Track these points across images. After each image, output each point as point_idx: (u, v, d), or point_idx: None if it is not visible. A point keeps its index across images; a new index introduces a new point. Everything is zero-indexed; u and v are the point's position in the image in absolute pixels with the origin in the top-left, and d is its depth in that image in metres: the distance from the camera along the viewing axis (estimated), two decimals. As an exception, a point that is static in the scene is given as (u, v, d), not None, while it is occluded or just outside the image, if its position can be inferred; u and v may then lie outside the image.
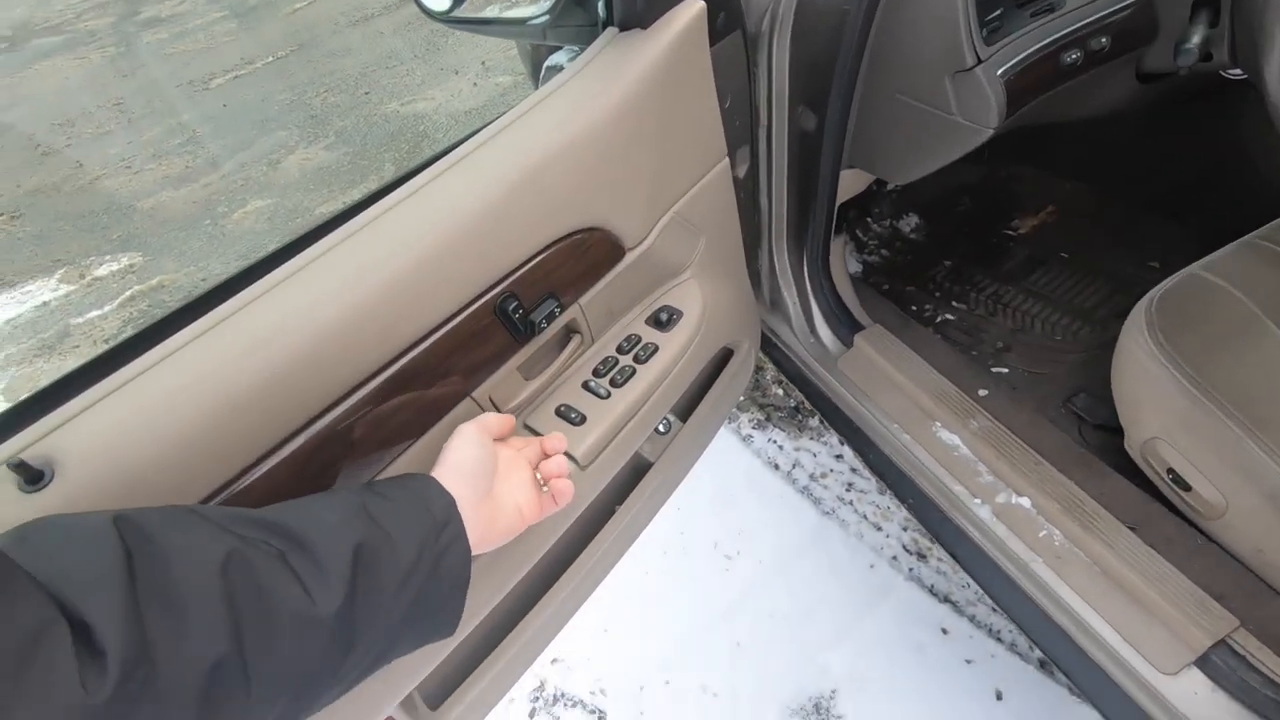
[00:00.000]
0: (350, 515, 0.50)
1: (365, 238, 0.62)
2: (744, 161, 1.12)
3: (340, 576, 0.46)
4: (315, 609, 0.45)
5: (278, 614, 0.43)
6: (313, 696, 0.47)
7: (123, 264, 3.08)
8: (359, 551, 0.48)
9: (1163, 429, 0.95)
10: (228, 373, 0.53)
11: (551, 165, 0.69)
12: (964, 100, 0.92)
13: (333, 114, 3.74)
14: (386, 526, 0.51)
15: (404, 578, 0.51)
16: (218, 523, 0.45)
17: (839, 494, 1.66)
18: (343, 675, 0.49)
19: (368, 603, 0.48)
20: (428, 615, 0.54)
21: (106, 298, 2.91)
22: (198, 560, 0.42)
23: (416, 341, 0.64)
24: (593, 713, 1.42)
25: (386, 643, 0.51)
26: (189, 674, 0.39)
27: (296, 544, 0.46)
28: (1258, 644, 0.85)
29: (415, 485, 0.57)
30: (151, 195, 3.48)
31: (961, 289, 1.51)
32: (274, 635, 0.43)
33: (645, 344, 0.86)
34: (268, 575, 0.44)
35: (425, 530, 0.53)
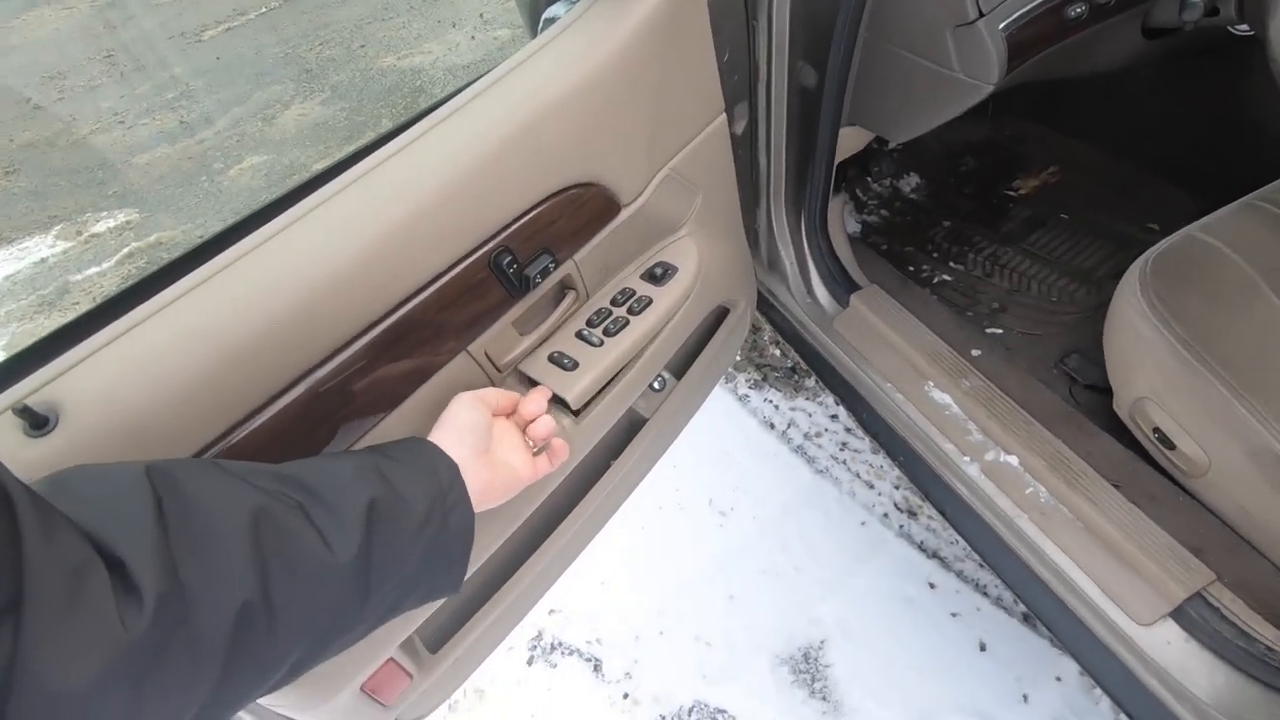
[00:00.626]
0: (364, 474, 0.53)
1: (359, 190, 0.62)
2: (742, 118, 1.11)
3: (356, 529, 0.48)
4: (334, 558, 0.47)
5: (300, 562, 0.45)
6: (330, 640, 0.50)
7: (120, 220, 3.06)
8: (373, 507, 0.50)
9: (1151, 389, 0.96)
10: (225, 324, 0.54)
11: (547, 118, 0.69)
12: (965, 55, 0.91)
13: (328, 68, 3.68)
14: (398, 486, 0.53)
15: (415, 533, 0.53)
16: (241, 476, 0.47)
17: (833, 453, 1.68)
18: (360, 620, 0.51)
19: (382, 554, 0.50)
20: (436, 570, 0.57)
21: (105, 254, 2.90)
22: (228, 510, 0.44)
23: (411, 295, 0.64)
24: (589, 660, 1.46)
25: (399, 593, 0.53)
26: (219, 615, 0.41)
27: (314, 497, 0.48)
28: (1231, 597, 0.88)
29: (421, 450, 0.59)
30: (146, 151, 3.44)
31: (960, 250, 1.51)
32: (296, 582, 0.45)
33: (639, 297, 0.86)
34: (290, 526, 0.46)
35: (433, 491, 0.56)
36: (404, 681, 0.79)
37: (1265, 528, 0.90)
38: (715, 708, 1.37)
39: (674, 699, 1.39)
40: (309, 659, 0.48)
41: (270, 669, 0.45)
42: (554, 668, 1.46)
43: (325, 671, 0.67)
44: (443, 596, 0.60)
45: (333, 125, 3.27)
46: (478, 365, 0.73)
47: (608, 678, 1.43)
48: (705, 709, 1.37)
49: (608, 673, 1.44)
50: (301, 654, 0.47)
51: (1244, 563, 0.91)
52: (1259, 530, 0.91)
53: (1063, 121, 1.66)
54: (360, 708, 0.75)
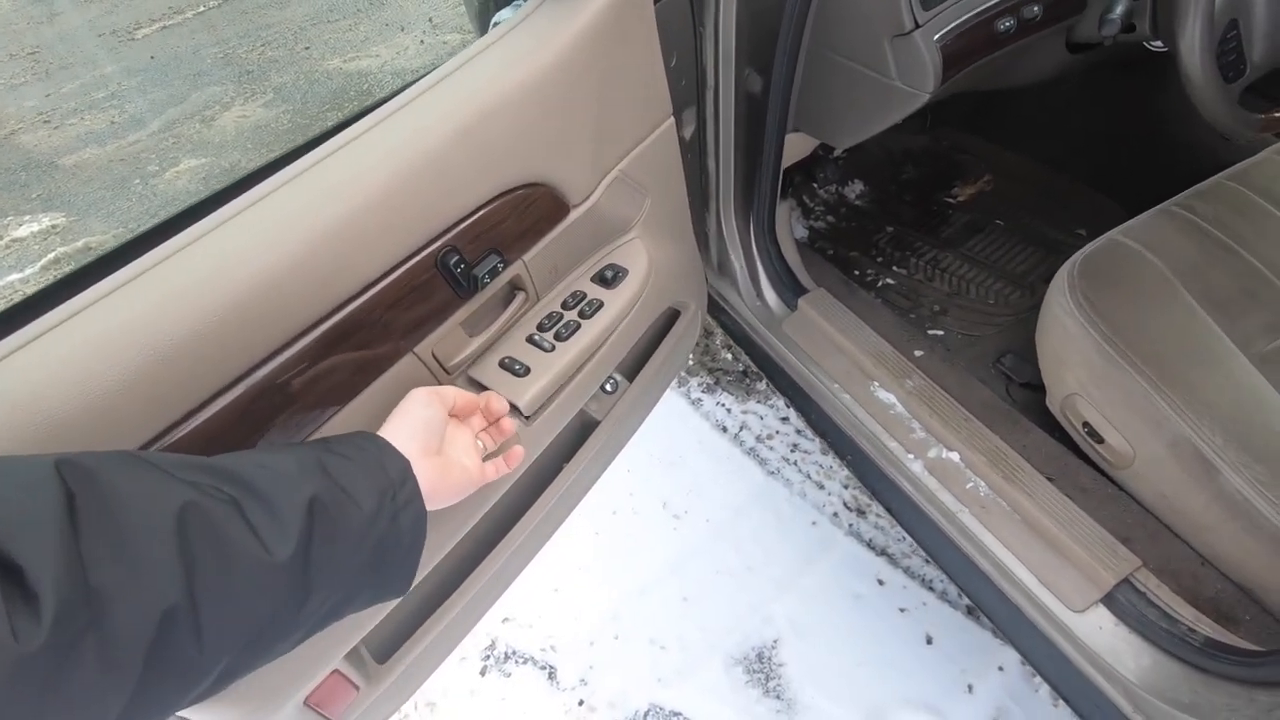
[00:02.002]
0: (306, 468, 0.50)
1: (299, 186, 0.61)
2: (690, 123, 1.12)
3: (295, 527, 0.46)
4: (270, 557, 0.44)
5: (232, 562, 0.43)
6: (265, 646, 0.47)
7: (45, 225, 2.91)
8: (314, 503, 0.48)
9: (1080, 385, 1.01)
10: (155, 322, 0.52)
11: (493, 116, 0.69)
12: (902, 64, 0.94)
13: (270, 69, 3.58)
14: (343, 483, 0.51)
15: (361, 532, 0.51)
16: (168, 470, 0.44)
17: (784, 454, 1.71)
18: (297, 625, 0.48)
19: (324, 554, 0.48)
20: (383, 572, 0.54)
21: (27, 260, 2.76)
22: (151, 507, 0.41)
23: (355, 294, 0.63)
24: (544, 668, 1.45)
25: (342, 596, 0.51)
26: (138, 622, 0.38)
27: (250, 492, 0.46)
28: (1156, 581, 0.92)
29: (370, 445, 0.57)
30: (74, 152, 3.28)
31: (902, 254, 1.55)
32: (228, 584, 0.42)
33: (590, 300, 0.86)
34: (222, 524, 0.43)
35: (382, 489, 0.53)
36: (350, 694, 0.77)
37: (1184, 514, 0.95)
38: (670, 710, 1.37)
39: (629, 703, 1.38)
40: (239, 667, 0.45)
41: (195, 679, 0.42)
42: (508, 677, 1.44)
43: (266, 685, 0.65)
44: (391, 599, 0.57)
45: (275, 128, 3.18)
46: (425, 367, 0.72)
47: (562, 685, 1.42)
48: (661, 712, 1.37)
49: (562, 680, 1.43)
50: (231, 662, 0.44)
51: (1166, 548, 0.96)
52: (1179, 517, 0.96)
53: (996, 132, 1.73)
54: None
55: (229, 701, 0.63)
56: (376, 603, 0.56)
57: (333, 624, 0.53)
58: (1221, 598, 0.91)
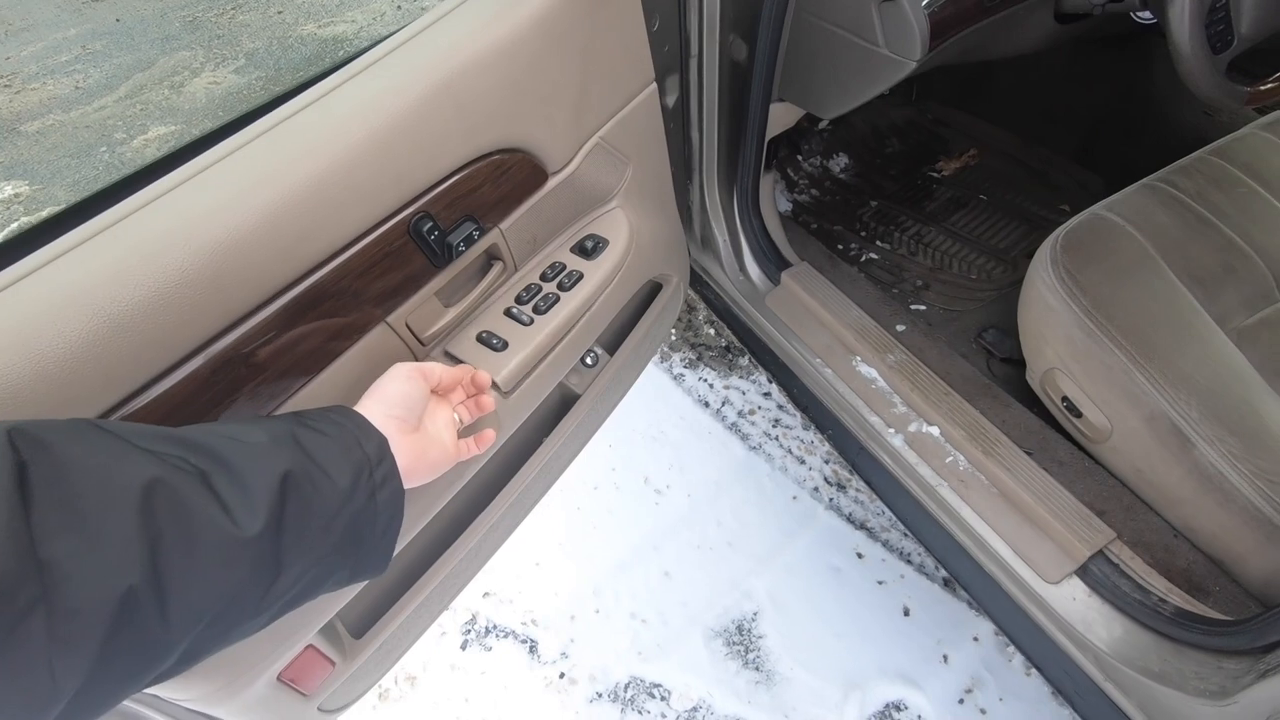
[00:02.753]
0: (279, 441, 0.48)
1: (266, 144, 0.58)
2: (673, 91, 1.09)
3: (266, 501, 0.44)
4: (239, 532, 0.43)
5: (199, 537, 0.41)
6: (231, 624, 0.45)
7: (7, 193, 2.81)
8: (287, 478, 0.46)
9: (1060, 360, 1.01)
10: (111, 286, 0.49)
11: (468, 76, 0.66)
12: (890, 31, 0.92)
13: (242, 34, 3.47)
14: (317, 458, 0.49)
15: (336, 509, 0.49)
16: (130, 440, 0.42)
17: (765, 430, 1.71)
18: (266, 605, 0.47)
19: (296, 531, 0.46)
20: (359, 551, 0.53)
21: (-11, 229, 2.67)
22: (111, 480, 0.39)
23: (325, 260, 0.61)
24: (524, 642, 1.45)
25: (315, 575, 0.49)
26: (97, 599, 0.36)
27: (219, 464, 0.44)
28: (1130, 553, 0.94)
29: (346, 421, 0.55)
30: (37, 118, 3.17)
31: (886, 229, 1.55)
32: (193, 560, 0.41)
33: (570, 271, 0.85)
34: (189, 497, 0.41)
35: (358, 465, 0.52)
36: (326, 669, 0.76)
37: (1159, 487, 0.96)
38: (651, 683, 1.38)
39: (610, 676, 1.39)
40: (205, 646, 0.44)
41: (157, 659, 0.41)
42: (489, 651, 1.44)
43: (237, 660, 0.64)
44: (366, 579, 0.56)
45: (248, 95, 3.09)
46: (399, 338, 0.70)
47: (543, 658, 1.42)
48: (641, 684, 1.38)
49: (543, 653, 1.43)
50: (196, 641, 0.42)
51: (1140, 521, 0.98)
52: (1154, 490, 0.97)
53: (982, 106, 1.72)
54: (278, 698, 0.72)
55: (198, 676, 0.61)
56: (353, 583, 0.55)
57: (307, 603, 0.51)
58: (1193, 569, 0.93)
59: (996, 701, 1.30)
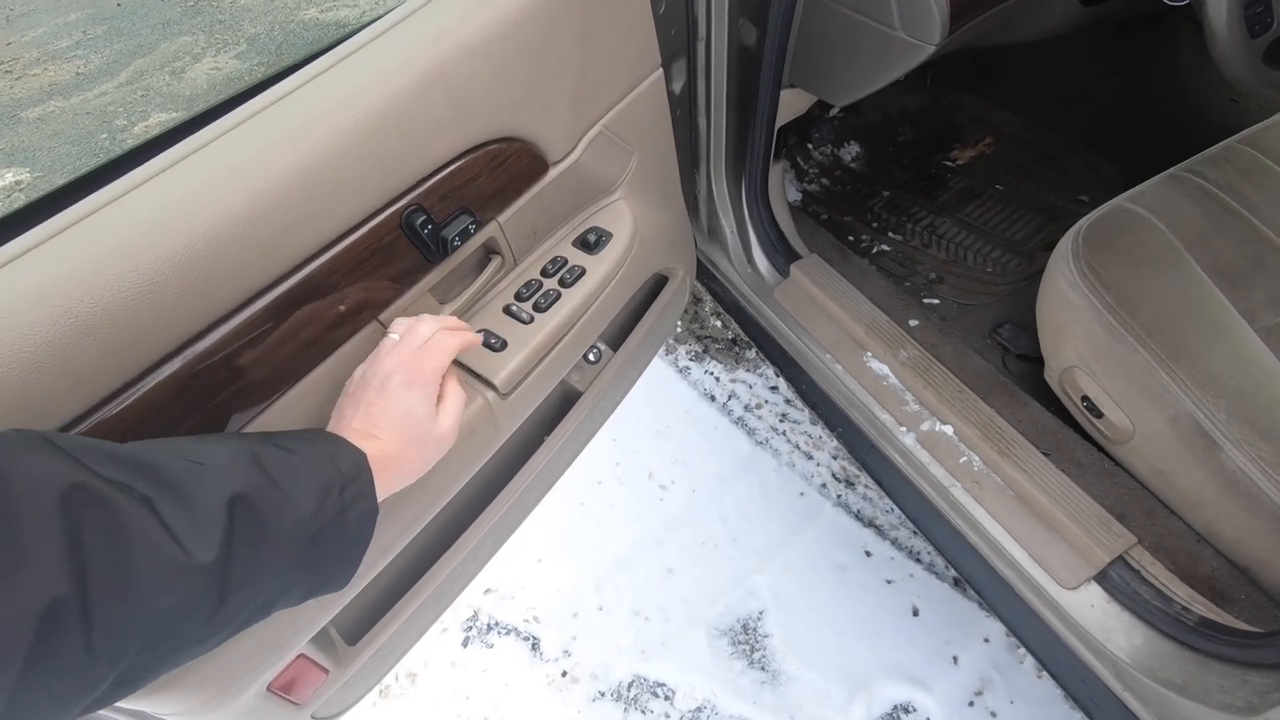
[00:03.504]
0: (236, 461, 0.46)
1: (247, 132, 0.55)
2: (680, 77, 1.06)
3: (215, 526, 0.43)
4: (184, 558, 0.41)
5: (135, 560, 0.39)
6: (171, 651, 0.43)
7: (8, 180, 2.80)
8: (237, 500, 0.44)
9: (1080, 358, 0.97)
10: (83, 280, 0.46)
11: (463, 60, 0.63)
12: (907, 13, 0.88)
13: (243, 18, 3.42)
14: (277, 477, 0.47)
15: (295, 531, 0.47)
16: (71, 453, 0.40)
17: (772, 424, 1.68)
18: (210, 631, 0.45)
19: (244, 557, 0.44)
20: (321, 568, 0.51)
21: (-10, 217, 2.65)
22: (36, 489, 0.37)
23: (312, 255, 0.58)
24: (526, 639, 1.43)
25: (267, 597, 0.48)
26: (16, 616, 0.34)
27: (167, 489, 0.42)
28: (1151, 559, 0.90)
29: (319, 439, 0.53)
30: (38, 104, 3.14)
31: (898, 220, 1.50)
32: (127, 582, 0.39)
33: (571, 267, 0.81)
34: (125, 517, 0.39)
35: (327, 483, 0.50)
36: (319, 677, 0.74)
37: (1183, 491, 0.92)
38: (654, 681, 1.36)
39: (613, 675, 1.37)
40: (142, 674, 0.42)
41: (88, 684, 0.38)
42: (490, 648, 1.43)
43: (225, 672, 0.62)
44: (326, 594, 0.54)
45: (249, 81, 3.04)
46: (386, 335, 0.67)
47: (545, 656, 1.40)
48: (644, 683, 1.36)
49: (545, 651, 1.41)
50: (130, 667, 0.40)
51: (1162, 526, 0.94)
52: (1177, 494, 0.93)
53: (998, 92, 1.67)
54: (268, 708, 0.69)
55: (182, 689, 0.59)
56: (310, 598, 0.52)
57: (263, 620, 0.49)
58: (1217, 576, 0.90)
59: (1007, 704, 1.27)
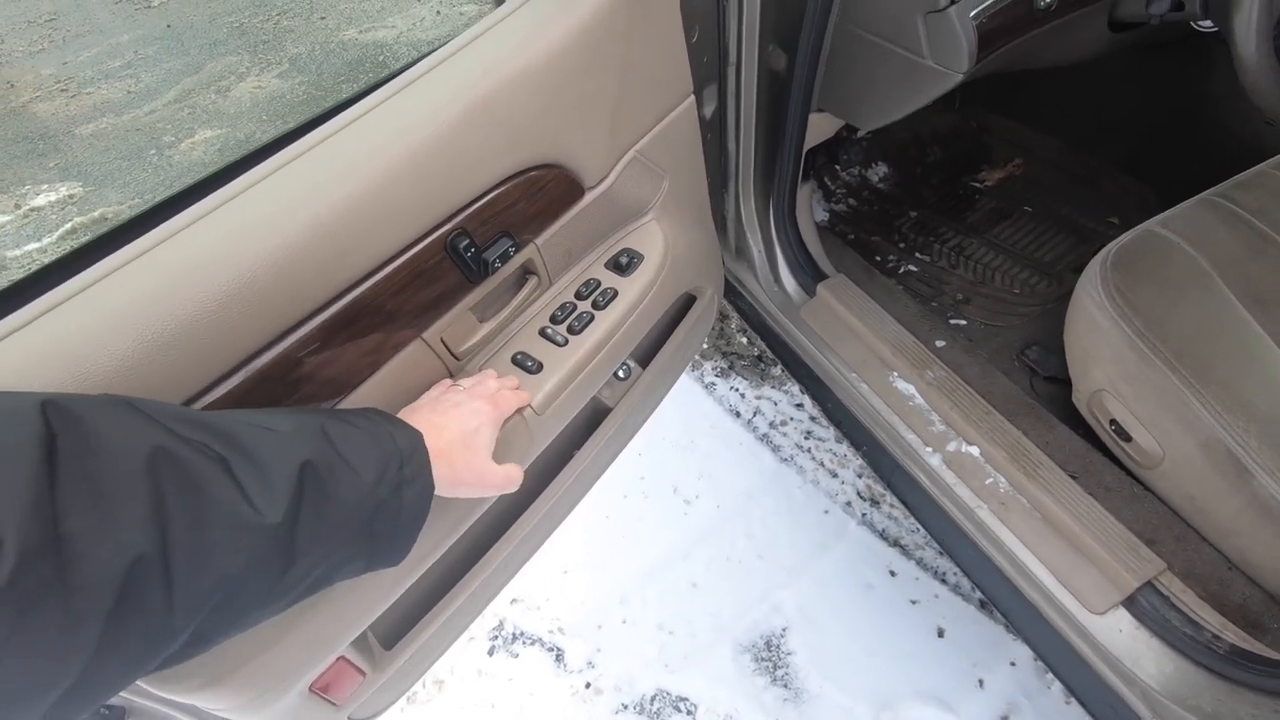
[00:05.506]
0: (305, 432, 0.49)
1: (304, 165, 0.58)
2: (711, 101, 1.08)
3: (286, 489, 0.44)
4: (256, 517, 0.42)
5: (211, 518, 0.41)
6: (241, 610, 0.45)
7: (62, 194, 2.92)
8: (307, 467, 0.46)
9: (1109, 381, 0.97)
10: (153, 305, 0.50)
11: (506, 93, 0.66)
12: (935, 42, 0.90)
13: (285, 39, 3.54)
14: (342, 449, 0.49)
15: (357, 502, 0.49)
16: (155, 416, 0.42)
17: (797, 441, 1.69)
18: (280, 593, 0.46)
19: (313, 520, 0.46)
20: (378, 542, 0.53)
21: (45, 229, 2.77)
22: (124, 450, 0.39)
23: (362, 277, 0.61)
24: (551, 650, 1.45)
25: (330, 565, 0.49)
26: (104, 572, 0.35)
27: (240, 451, 0.44)
28: (1181, 585, 0.90)
29: (382, 419, 0.56)
30: (91, 121, 3.28)
31: (926, 240, 1.51)
32: (204, 539, 0.40)
33: (604, 289, 0.84)
34: (203, 477, 0.41)
35: (386, 457, 0.52)
36: (356, 679, 0.77)
37: (1213, 517, 0.92)
38: (677, 696, 1.37)
39: (636, 688, 1.38)
40: (213, 632, 0.43)
41: (162, 639, 0.40)
42: (515, 657, 1.45)
43: (270, 671, 0.65)
44: (382, 568, 0.55)
45: (291, 99, 3.16)
46: (434, 354, 0.70)
47: (570, 667, 1.42)
48: (667, 697, 1.37)
49: (570, 662, 1.43)
50: (203, 625, 0.42)
51: (1193, 552, 0.93)
52: (1208, 520, 0.93)
53: (1027, 113, 1.67)
54: (309, 708, 0.72)
55: (232, 685, 0.62)
56: (368, 571, 0.54)
57: (333, 609, 0.51)
58: (1249, 604, 0.89)
59: (1034, 729, 1.26)
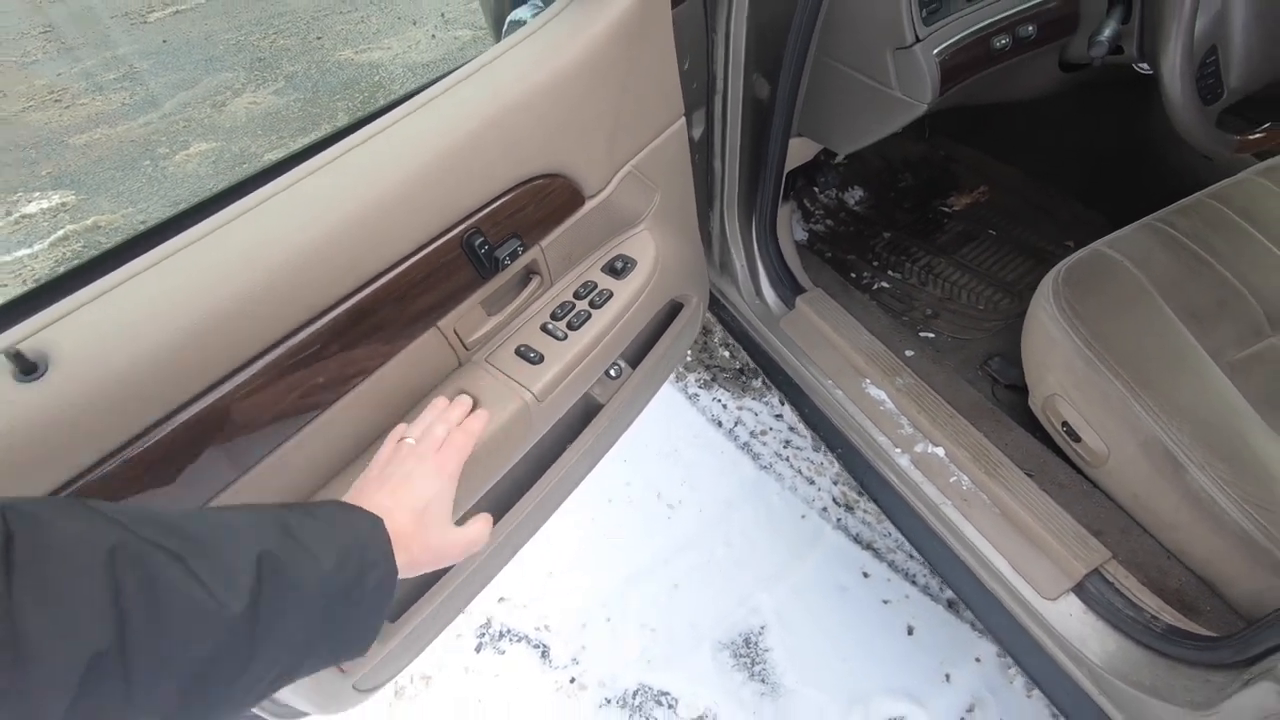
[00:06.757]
0: (263, 525, 0.49)
1: (334, 171, 0.65)
2: (700, 124, 1.17)
3: (246, 579, 0.44)
4: (216, 607, 0.42)
5: (170, 610, 0.41)
6: (211, 703, 0.44)
7: (54, 202, 2.94)
8: (266, 557, 0.46)
9: (1060, 386, 1.06)
10: (209, 286, 0.57)
11: (516, 111, 0.74)
12: (903, 76, 1.00)
13: (282, 58, 3.62)
14: (302, 538, 0.49)
15: (319, 589, 0.49)
16: (112, 516, 0.42)
17: (776, 450, 1.76)
18: (246, 685, 0.46)
19: (276, 609, 0.45)
20: (342, 630, 0.52)
21: (36, 236, 2.79)
22: (82, 548, 0.39)
23: (386, 269, 0.68)
24: (536, 647, 1.49)
25: (295, 655, 0.49)
26: (62, 668, 0.35)
27: (199, 546, 0.44)
28: (1125, 573, 0.98)
29: (340, 508, 0.57)
30: (84, 131, 3.31)
31: (898, 259, 1.61)
32: (163, 632, 0.40)
33: (600, 290, 0.91)
34: (161, 571, 0.41)
35: (346, 545, 0.52)
36: (361, 649, 0.82)
37: (1154, 511, 1.00)
38: (659, 690, 1.41)
39: (619, 683, 1.43)
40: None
41: None
42: (502, 654, 1.49)
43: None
44: (347, 659, 0.54)
45: (286, 115, 3.22)
46: (446, 342, 0.77)
47: (555, 663, 1.47)
48: (649, 691, 1.41)
49: (555, 658, 1.47)
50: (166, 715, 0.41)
51: (1135, 543, 1.02)
52: (1148, 513, 1.01)
53: (992, 145, 1.79)
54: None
55: None
56: (332, 664, 0.53)
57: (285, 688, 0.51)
58: (1185, 589, 0.97)
59: (998, 721, 1.32)
